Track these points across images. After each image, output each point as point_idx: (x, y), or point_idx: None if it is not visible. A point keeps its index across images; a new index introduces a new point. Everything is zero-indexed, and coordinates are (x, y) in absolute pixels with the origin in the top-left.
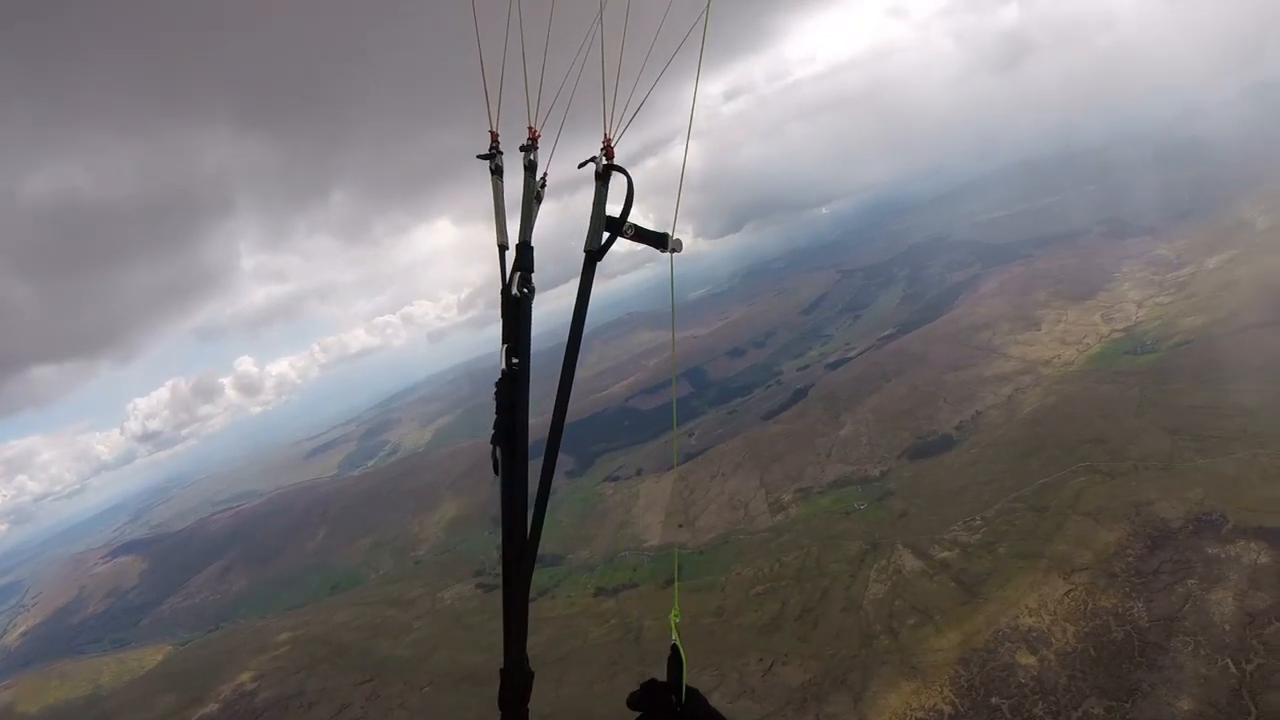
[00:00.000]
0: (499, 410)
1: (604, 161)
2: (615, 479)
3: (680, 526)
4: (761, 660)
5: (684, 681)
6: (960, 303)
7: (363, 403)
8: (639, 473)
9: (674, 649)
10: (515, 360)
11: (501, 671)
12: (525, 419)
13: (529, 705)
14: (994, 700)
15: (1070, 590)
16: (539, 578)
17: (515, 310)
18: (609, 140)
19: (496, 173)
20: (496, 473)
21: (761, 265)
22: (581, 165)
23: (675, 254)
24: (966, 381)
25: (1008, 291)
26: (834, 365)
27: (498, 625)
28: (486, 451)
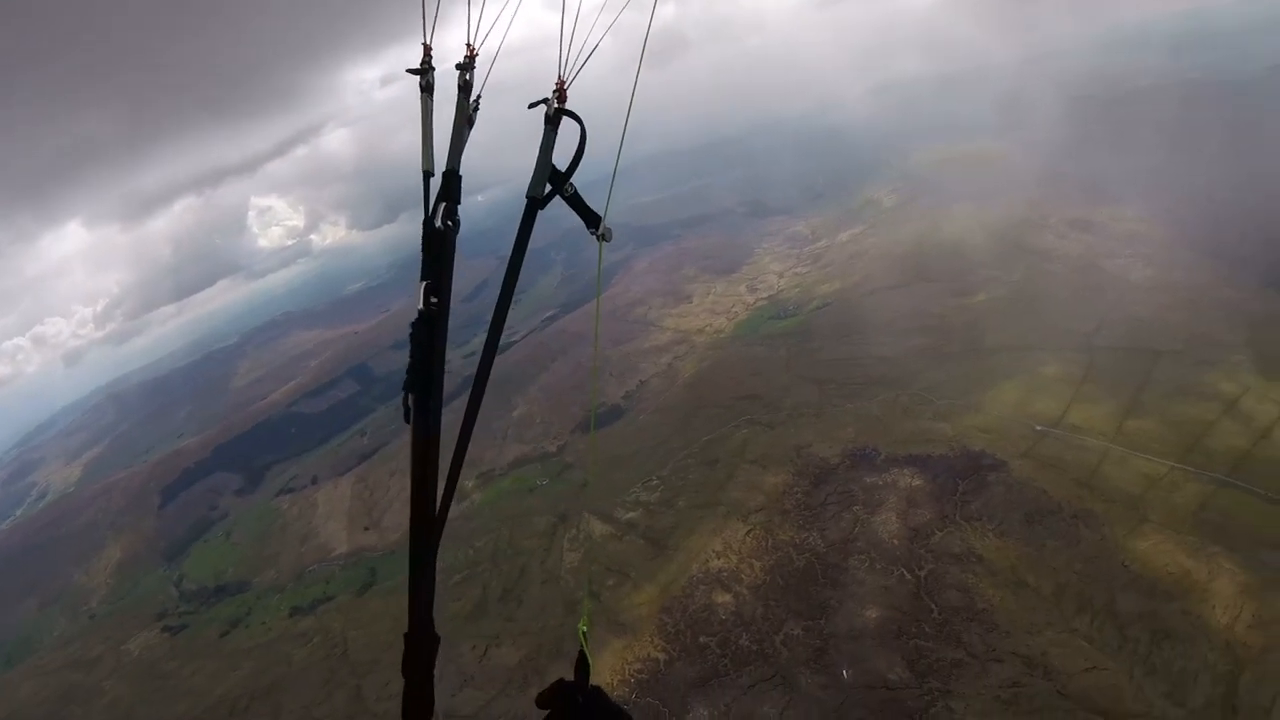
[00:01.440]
0: (414, 354)
1: (555, 105)
2: (290, 491)
3: (366, 529)
4: (474, 647)
5: (589, 681)
6: (616, 282)
7: None
8: (314, 481)
9: (580, 653)
10: (434, 300)
11: (405, 636)
12: (442, 364)
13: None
14: (702, 639)
15: (750, 530)
16: (226, 610)
17: (438, 244)
18: (562, 82)
19: (426, 90)
20: (407, 421)
21: (419, 255)
22: (532, 106)
23: (605, 242)
24: (628, 354)
25: (659, 269)
26: (501, 349)
27: (196, 668)
28: (143, 482)
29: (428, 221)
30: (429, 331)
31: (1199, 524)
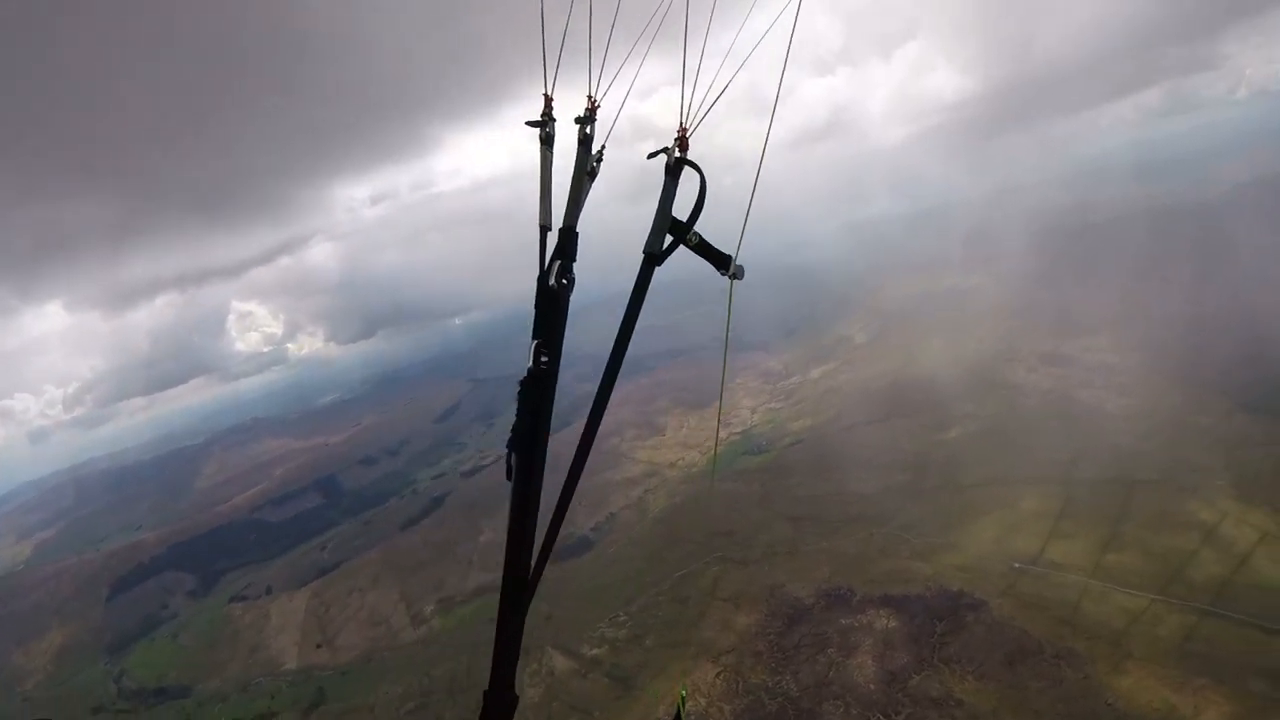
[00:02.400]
0: (521, 413)
1: (676, 154)
2: (243, 599)
3: (319, 647)
4: None
5: None
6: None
7: None
8: (269, 591)
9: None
10: (545, 359)
11: (485, 694)
12: (548, 424)
13: None
14: None
15: (720, 672)
16: (164, 713)
17: (551, 302)
18: (684, 131)
19: (546, 142)
20: (509, 478)
21: (394, 373)
22: (652, 156)
23: (735, 280)
24: (600, 485)
25: (634, 400)
26: (470, 473)
27: None
28: (95, 571)
29: (542, 278)
30: (538, 391)
31: (1183, 656)
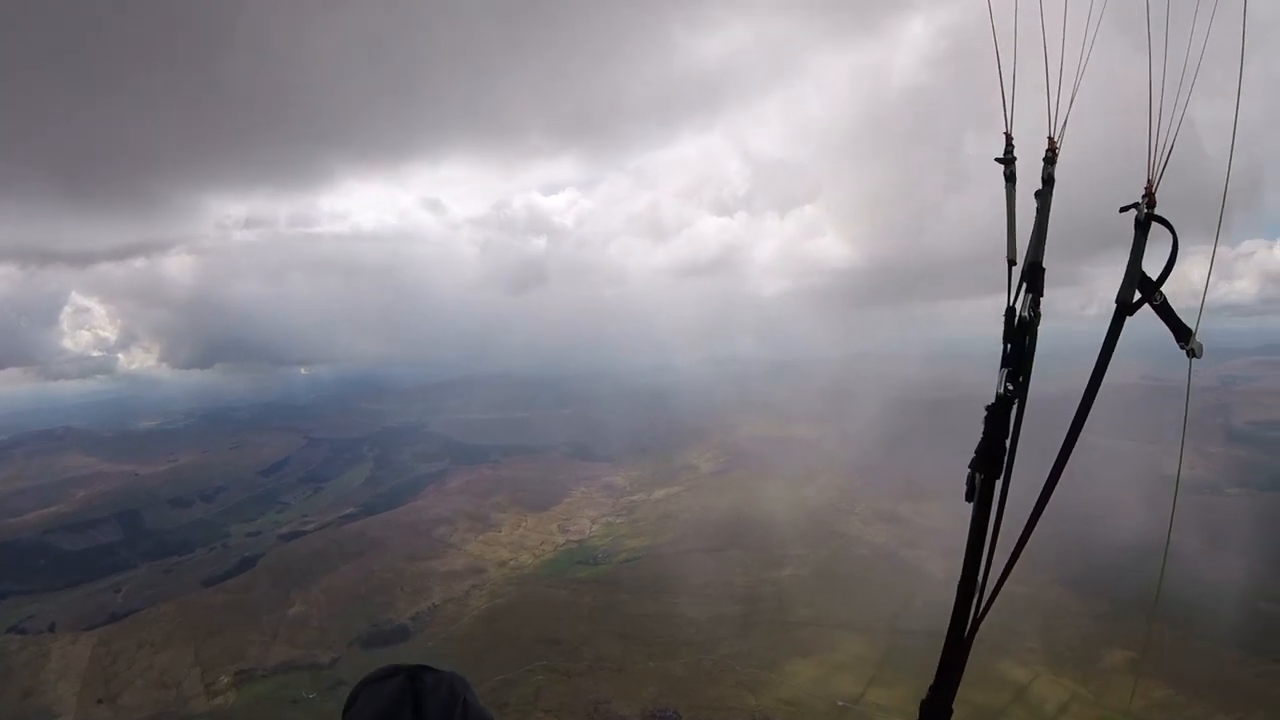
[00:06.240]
0: (986, 434)
1: (1145, 210)
2: (22, 631)
3: (100, 703)
4: None
5: None
6: (425, 494)
7: None
8: (53, 628)
9: None
10: (1010, 387)
11: (922, 705)
12: (1014, 448)
13: None
14: None
15: None
16: None
17: (1022, 334)
18: (1150, 184)
19: (1010, 179)
20: (969, 500)
21: (224, 411)
22: (1123, 210)
23: (1193, 358)
24: (425, 573)
25: (472, 490)
26: (288, 536)
27: None
28: None
29: (1009, 310)
30: (1005, 414)
31: None
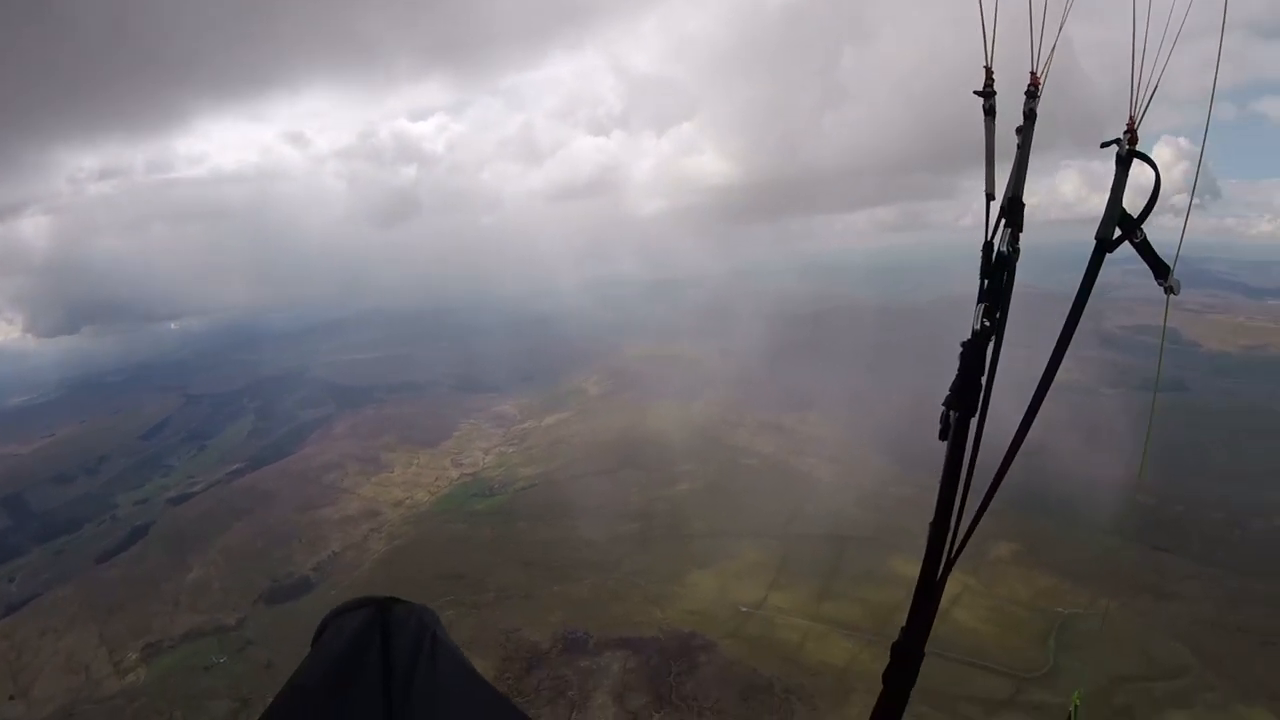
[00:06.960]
0: (961, 372)
1: (1126, 146)
2: None
3: (11, 699)
4: None
5: None
6: (311, 441)
7: None
8: None
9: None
10: (987, 322)
11: (894, 646)
12: (990, 386)
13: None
14: None
15: None
16: None
17: (1000, 269)
18: (1132, 121)
19: (989, 113)
20: (942, 438)
21: (97, 377)
22: (1104, 145)
23: (1171, 294)
24: (320, 522)
25: (359, 433)
26: (177, 500)
27: None
28: None
29: (987, 244)
30: (980, 350)
31: None
